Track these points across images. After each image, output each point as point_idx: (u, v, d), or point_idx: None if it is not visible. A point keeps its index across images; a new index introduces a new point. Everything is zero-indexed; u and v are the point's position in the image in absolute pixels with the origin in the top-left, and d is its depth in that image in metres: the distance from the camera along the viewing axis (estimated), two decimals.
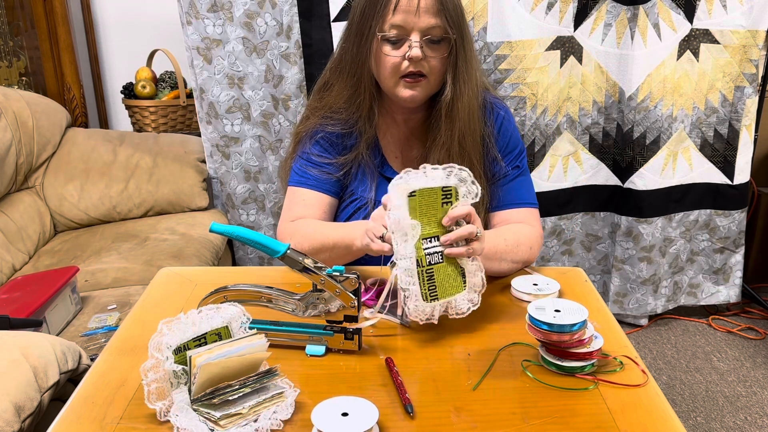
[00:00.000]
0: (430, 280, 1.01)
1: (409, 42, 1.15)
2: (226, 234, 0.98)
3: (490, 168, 1.29)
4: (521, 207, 1.29)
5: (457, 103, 1.21)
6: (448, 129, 1.22)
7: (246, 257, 2.37)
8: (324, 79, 1.31)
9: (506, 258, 1.19)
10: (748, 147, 2.35)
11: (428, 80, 1.20)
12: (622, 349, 0.99)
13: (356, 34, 1.21)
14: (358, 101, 1.24)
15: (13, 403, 1.00)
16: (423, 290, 1.00)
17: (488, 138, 1.28)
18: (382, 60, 1.19)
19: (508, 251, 1.19)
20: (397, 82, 1.19)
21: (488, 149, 1.28)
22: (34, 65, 2.43)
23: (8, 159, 2.00)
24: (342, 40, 1.26)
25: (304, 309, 1.04)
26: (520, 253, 1.21)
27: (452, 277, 1.03)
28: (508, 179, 1.30)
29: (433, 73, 1.19)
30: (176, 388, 0.82)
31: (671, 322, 2.54)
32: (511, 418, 0.83)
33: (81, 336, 1.51)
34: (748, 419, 1.99)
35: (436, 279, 1.01)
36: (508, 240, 1.19)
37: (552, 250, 2.45)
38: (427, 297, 1.00)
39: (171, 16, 2.25)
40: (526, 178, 1.33)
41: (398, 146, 1.33)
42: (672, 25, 2.17)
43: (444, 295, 1.02)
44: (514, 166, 1.30)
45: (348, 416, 0.78)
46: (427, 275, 1.01)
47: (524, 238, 1.22)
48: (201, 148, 2.24)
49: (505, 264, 1.20)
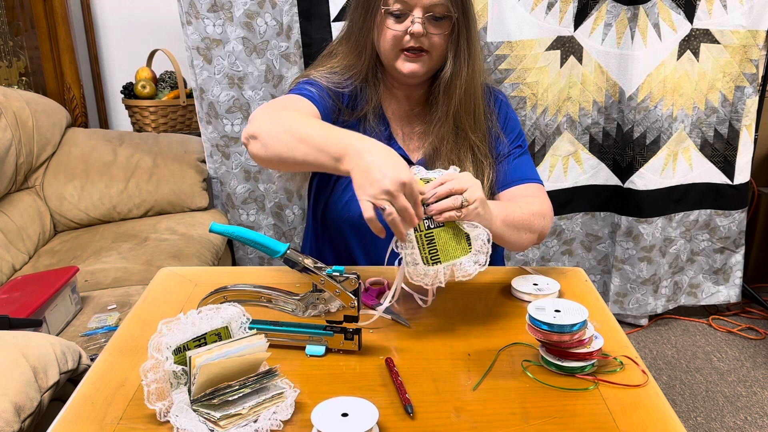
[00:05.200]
0: (431, 244, 1.00)
1: (412, 17, 1.19)
2: (226, 234, 0.98)
3: (494, 146, 1.32)
4: (527, 183, 1.30)
5: (456, 81, 1.24)
6: (444, 105, 1.26)
7: (246, 257, 2.37)
8: (331, 47, 1.34)
9: (524, 227, 1.18)
10: (748, 147, 2.35)
11: (430, 56, 1.22)
12: (622, 349, 0.99)
13: (363, 6, 1.24)
14: (358, 71, 1.27)
15: (13, 403, 1.00)
16: (423, 254, 1.00)
17: (489, 116, 1.32)
18: (384, 33, 1.22)
19: (525, 220, 1.18)
20: (398, 54, 1.22)
21: (490, 128, 1.32)
22: (34, 65, 2.43)
23: (8, 159, 2.00)
24: (350, 11, 1.30)
25: (304, 309, 1.04)
26: (536, 222, 1.21)
27: (455, 240, 1.02)
28: (512, 158, 1.32)
29: (435, 49, 1.22)
30: (176, 388, 0.82)
31: (671, 322, 2.54)
32: (511, 418, 0.83)
33: (81, 336, 1.51)
34: (748, 419, 1.99)
35: (437, 243, 1.01)
36: (523, 209, 1.20)
37: (552, 250, 2.45)
38: (428, 260, 1.00)
39: (171, 16, 2.25)
40: (529, 157, 1.36)
41: (400, 122, 1.35)
42: (672, 25, 2.17)
43: (447, 258, 1.01)
44: (516, 146, 1.34)
45: (348, 416, 0.78)
46: (426, 239, 1.00)
47: (537, 208, 1.23)
48: (201, 148, 2.24)
49: (524, 234, 1.19)
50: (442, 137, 1.27)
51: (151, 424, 0.81)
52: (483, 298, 1.15)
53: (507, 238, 1.14)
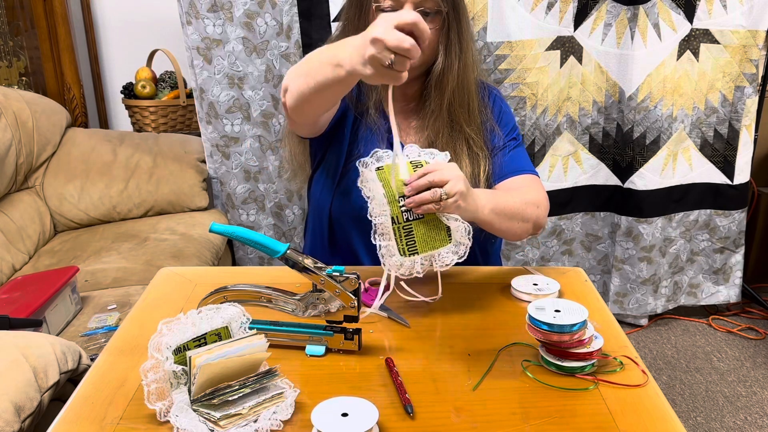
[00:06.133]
0: (408, 236, 1.03)
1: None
2: (226, 234, 0.98)
3: (490, 139, 1.34)
4: (522, 174, 1.31)
5: (448, 75, 1.26)
6: (437, 98, 1.28)
7: (246, 257, 2.37)
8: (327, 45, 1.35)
9: (516, 216, 1.19)
10: (748, 147, 2.35)
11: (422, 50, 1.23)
12: (622, 349, 0.99)
13: (356, 5, 1.27)
14: None
15: (13, 403, 1.00)
16: (400, 246, 1.03)
17: (484, 110, 1.34)
18: None
19: (517, 209, 1.19)
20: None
21: (485, 121, 1.33)
22: (34, 65, 2.43)
23: (8, 159, 2.00)
24: (345, 9, 1.32)
25: (304, 309, 1.04)
26: (529, 211, 1.22)
27: (434, 231, 1.04)
28: (507, 150, 1.34)
29: (425, 44, 1.23)
30: (176, 388, 0.82)
31: (671, 322, 2.54)
32: (511, 418, 0.83)
33: (81, 336, 1.51)
34: (748, 419, 1.99)
35: (416, 234, 1.03)
36: (515, 198, 1.21)
37: (552, 250, 2.45)
38: (404, 252, 1.03)
39: (171, 16, 2.25)
40: (524, 149, 1.38)
41: (397, 117, 1.35)
42: (672, 25, 2.17)
43: (425, 249, 1.03)
44: (511, 138, 1.36)
45: (348, 416, 0.78)
46: (404, 230, 1.03)
47: (530, 197, 1.24)
48: (201, 148, 2.24)
49: (517, 223, 1.20)
50: (438, 130, 1.29)
51: (151, 424, 0.81)
52: (483, 298, 1.15)
53: (498, 226, 1.16)
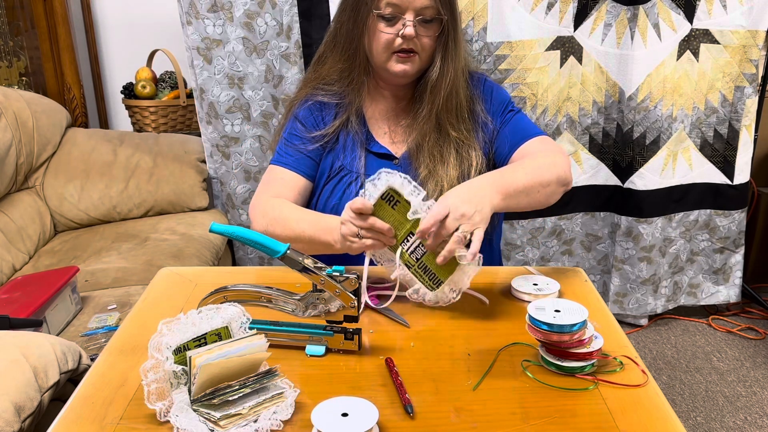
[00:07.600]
0: (427, 272, 1.07)
1: (403, 20, 1.22)
2: (226, 234, 0.98)
3: (485, 132, 1.34)
4: (529, 139, 1.31)
5: (442, 81, 1.27)
6: (429, 103, 1.29)
7: (246, 257, 2.37)
8: (319, 52, 1.37)
9: (533, 188, 1.18)
10: (748, 147, 2.35)
11: (419, 57, 1.26)
12: (622, 349, 0.99)
13: (352, 9, 1.26)
14: (351, 74, 1.31)
15: (13, 403, 1.00)
16: (427, 284, 1.08)
17: (476, 101, 1.34)
18: (376, 36, 1.24)
19: (528, 181, 1.17)
20: (390, 57, 1.25)
21: (478, 114, 1.34)
22: (34, 65, 2.43)
23: (8, 159, 2.00)
24: (337, 14, 1.32)
25: (304, 309, 1.04)
26: (545, 175, 1.20)
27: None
28: (507, 122, 1.34)
29: (424, 50, 1.26)
30: (176, 388, 0.82)
31: (671, 322, 2.54)
32: (511, 418, 0.83)
33: (81, 336, 1.51)
34: (748, 419, 1.99)
35: (431, 266, 1.07)
36: (525, 170, 1.19)
37: (552, 250, 2.45)
38: (432, 287, 1.08)
39: (171, 16, 2.25)
40: (524, 115, 1.38)
41: (386, 121, 1.37)
42: (672, 25, 2.17)
43: (445, 275, 1.07)
44: (509, 111, 1.36)
45: (348, 416, 0.78)
46: (421, 269, 1.08)
47: (541, 161, 1.23)
48: (201, 148, 2.24)
49: (537, 192, 1.19)
50: (425, 134, 1.30)
51: (151, 424, 0.81)
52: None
53: (521, 205, 1.17)
